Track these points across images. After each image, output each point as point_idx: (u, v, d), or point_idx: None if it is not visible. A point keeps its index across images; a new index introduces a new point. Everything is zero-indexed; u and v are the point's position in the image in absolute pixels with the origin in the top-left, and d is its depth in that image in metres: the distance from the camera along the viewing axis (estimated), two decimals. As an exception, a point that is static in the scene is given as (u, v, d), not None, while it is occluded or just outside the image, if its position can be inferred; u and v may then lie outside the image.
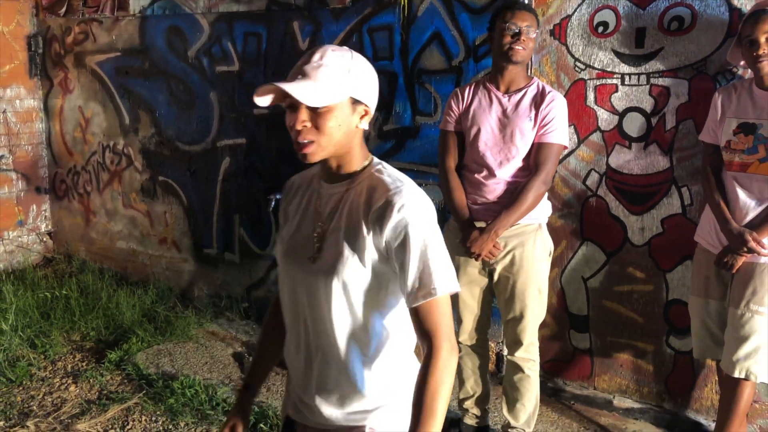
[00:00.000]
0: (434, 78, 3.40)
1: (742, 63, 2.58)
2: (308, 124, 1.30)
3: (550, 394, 3.29)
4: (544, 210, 2.70)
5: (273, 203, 3.89)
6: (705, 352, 2.70)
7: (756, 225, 2.40)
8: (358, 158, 1.40)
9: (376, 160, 1.43)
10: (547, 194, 2.68)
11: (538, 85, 2.63)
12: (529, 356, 2.72)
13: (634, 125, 2.95)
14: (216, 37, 4.17)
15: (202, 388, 3.30)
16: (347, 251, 1.35)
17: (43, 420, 3.11)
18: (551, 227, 3.02)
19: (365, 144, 1.43)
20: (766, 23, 2.33)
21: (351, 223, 1.36)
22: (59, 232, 5.44)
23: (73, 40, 4.92)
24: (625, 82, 2.94)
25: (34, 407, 3.24)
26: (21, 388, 3.42)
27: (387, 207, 1.30)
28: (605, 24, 2.95)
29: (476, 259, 2.63)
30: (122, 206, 4.94)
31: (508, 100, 2.62)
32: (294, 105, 1.30)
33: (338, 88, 1.30)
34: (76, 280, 4.59)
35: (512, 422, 2.78)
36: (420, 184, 3.51)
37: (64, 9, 4.89)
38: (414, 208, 1.31)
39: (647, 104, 2.91)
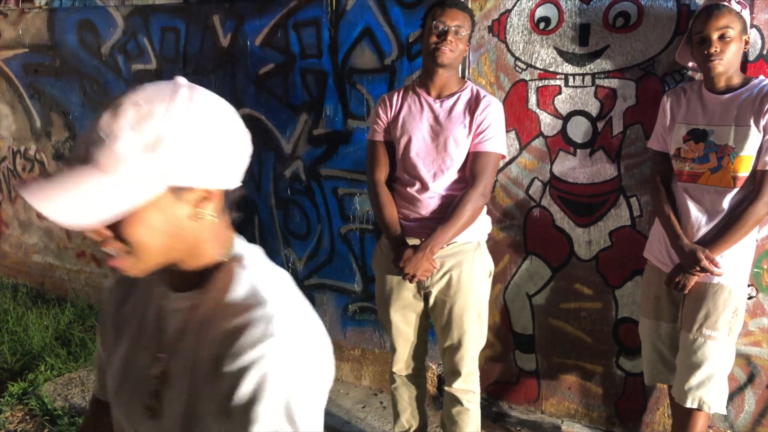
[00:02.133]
0: (366, 78, 3.11)
1: (691, 64, 2.37)
2: (108, 234, 0.84)
3: (495, 419, 3.05)
4: (483, 226, 2.44)
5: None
6: (656, 377, 2.48)
7: (708, 241, 2.19)
8: (210, 255, 0.94)
9: (241, 251, 0.97)
10: (486, 208, 2.43)
11: (472, 90, 2.36)
12: (468, 387, 2.47)
13: (579, 130, 2.72)
14: (131, 32, 3.80)
15: (111, 425, 2.95)
16: (197, 406, 0.90)
17: None
18: (493, 239, 2.79)
19: (229, 228, 0.98)
20: (720, 18, 2.11)
21: (200, 360, 0.90)
22: (-31, 245, 4.98)
23: (-23, 35, 4.47)
24: (569, 84, 2.71)
25: None
26: None
27: (235, 335, 0.85)
28: (547, 20, 2.70)
29: (410, 281, 2.35)
30: (36, 217, 4.52)
31: (440, 105, 2.34)
32: None
33: (141, 181, 0.81)
34: (-19, 300, 4.17)
35: None
36: (354, 194, 3.25)
37: (-36, 0, 4.43)
38: (277, 347, 0.84)
39: (593, 107, 2.68)
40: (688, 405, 2.24)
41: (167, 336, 0.95)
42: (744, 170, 2.15)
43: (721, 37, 2.10)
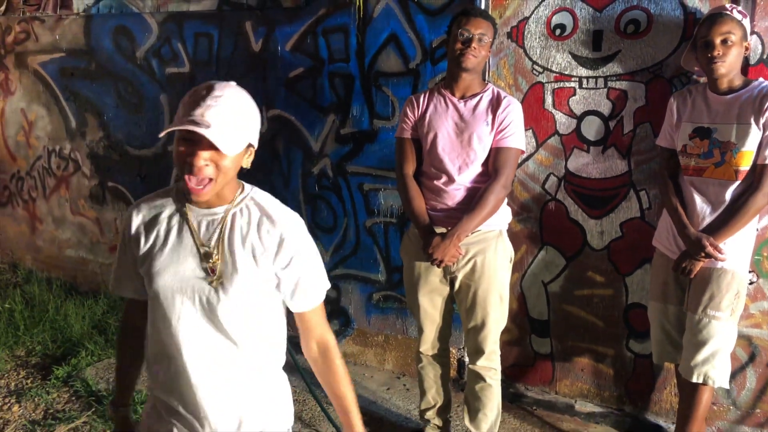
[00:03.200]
0: (391, 81, 3.33)
1: (696, 69, 2.58)
2: (209, 163, 1.33)
3: (512, 400, 3.26)
4: (504, 216, 2.66)
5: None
6: (664, 356, 2.69)
7: (712, 230, 2.40)
8: (232, 188, 1.47)
9: (248, 186, 1.52)
10: (506, 200, 2.64)
11: (493, 91, 2.58)
12: (490, 365, 2.68)
13: (592, 129, 2.93)
14: (165, 37, 4.02)
15: (154, 404, 3.16)
16: (248, 274, 1.42)
17: (-18, 444, 2.94)
18: (511, 232, 2.99)
19: None
20: (722, 25, 2.32)
21: (246, 246, 1.43)
22: (3, 241, 5.20)
23: (14, 40, 4.70)
24: (583, 86, 2.92)
25: (-26, 431, 3.07)
26: (-40, 410, 3.23)
27: (265, 218, 1.45)
28: (562, 26, 2.92)
29: (438, 266, 2.57)
30: (70, 213, 4.75)
31: (464, 105, 2.56)
32: (194, 139, 1.30)
33: (245, 135, 1.37)
34: (21, 291, 4.39)
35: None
36: (378, 189, 3.47)
37: (3, 7, 4.65)
38: (293, 223, 1.48)
39: (605, 108, 2.89)
40: (694, 380, 2.44)
41: (211, 239, 1.44)
42: (745, 164, 2.35)
43: (724, 42, 2.31)
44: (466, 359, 3.34)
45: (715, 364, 2.42)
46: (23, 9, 4.58)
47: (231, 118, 1.32)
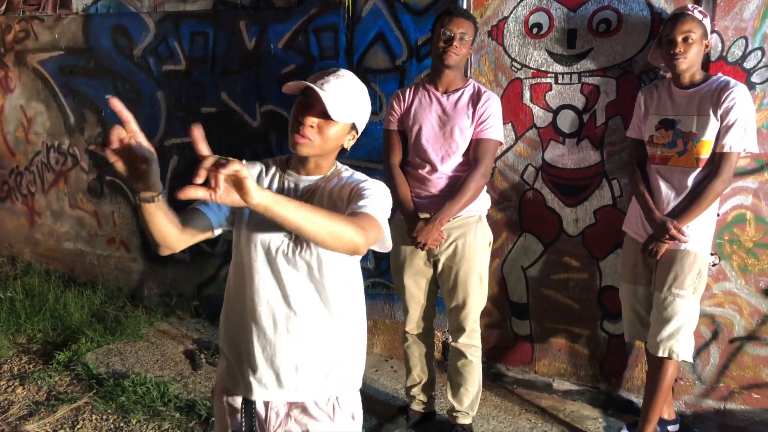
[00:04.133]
0: (379, 77, 3.50)
1: (662, 64, 2.77)
2: (314, 126, 1.52)
3: (493, 380, 3.44)
4: (483, 202, 2.84)
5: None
6: (635, 334, 2.87)
7: (677, 214, 2.58)
8: (329, 163, 1.64)
9: (341, 165, 1.67)
10: (486, 187, 2.82)
11: (474, 86, 2.76)
12: (471, 342, 2.86)
13: (567, 122, 3.12)
14: (162, 36, 4.18)
15: (153, 385, 3.32)
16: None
17: (-10, 422, 3.09)
18: (492, 220, 3.17)
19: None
20: (684, 24, 2.51)
21: (331, 202, 1.58)
22: (1, 235, 5.33)
23: (14, 38, 4.84)
24: (559, 81, 3.10)
25: (-19, 410, 3.21)
26: (-34, 392, 3.38)
27: (350, 184, 1.58)
28: (539, 25, 3.10)
29: (422, 249, 2.74)
30: (69, 207, 4.89)
31: (447, 99, 2.74)
32: (309, 104, 1.51)
33: (352, 112, 1.55)
34: (21, 283, 4.52)
35: (457, 406, 2.90)
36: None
37: (3, 7, 4.79)
38: (377, 186, 1.57)
39: (579, 102, 3.08)
40: (660, 354, 2.63)
41: (298, 196, 1.60)
42: (705, 153, 2.54)
43: (685, 40, 2.51)
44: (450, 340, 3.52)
45: (679, 339, 2.60)
46: (23, 8, 4.72)
47: (344, 93, 1.52)
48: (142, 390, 3.29)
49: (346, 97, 1.52)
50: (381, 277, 3.70)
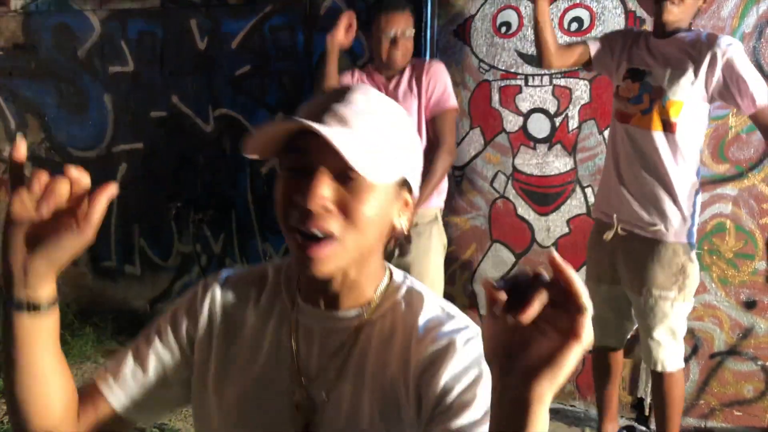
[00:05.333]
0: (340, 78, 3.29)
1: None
2: (332, 206, 0.80)
3: (465, 399, 3.26)
4: (442, 194, 2.67)
5: (174, 211, 3.73)
6: (599, 339, 2.48)
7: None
8: (377, 273, 0.91)
9: (399, 274, 0.93)
10: (446, 178, 2.64)
11: (411, 64, 2.61)
12: None
13: (538, 126, 2.95)
14: (108, 35, 3.91)
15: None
16: (375, 418, 0.84)
17: None
18: (460, 229, 3.00)
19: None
20: None
21: (378, 384, 0.85)
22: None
23: (-51, 38, 4.51)
24: (529, 83, 2.93)
25: None
26: None
27: (447, 348, 0.82)
28: (508, 24, 2.93)
29: None
30: (11, 217, 4.57)
31: (391, 85, 2.60)
32: (306, 168, 0.80)
33: (397, 159, 0.84)
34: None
35: None
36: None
37: (-64, 4, 4.46)
38: (478, 347, 0.82)
39: (551, 105, 2.91)
40: (651, 368, 2.36)
41: (315, 358, 0.89)
42: (674, 115, 2.17)
43: None
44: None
45: (665, 348, 2.30)
46: (-43, 6, 4.40)
47: (374, 128, 0.82)
48: None
49: (379, 133, 0.82)
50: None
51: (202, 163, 3.70)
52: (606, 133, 2.74)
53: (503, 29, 2.94)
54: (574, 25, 2.80)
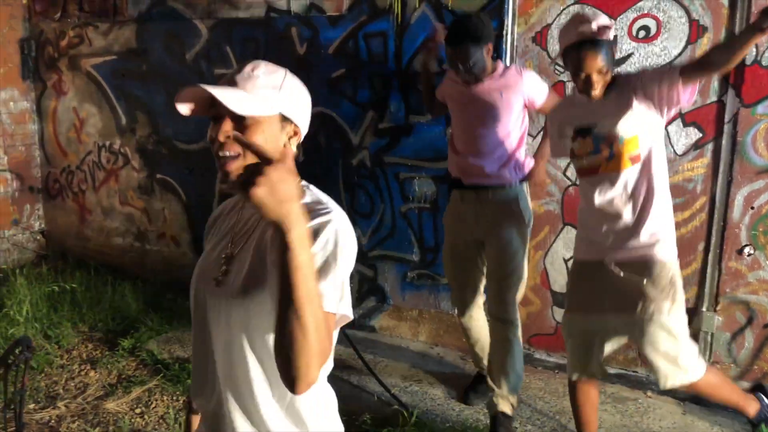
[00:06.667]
0: (426, 80, 3.72)
1: None
2: (230, 137, 1.21)
3: (536, 365, 3.65)
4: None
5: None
6: (582, 370, 2.60)
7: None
8: None
9: (302, 182, 1.30)
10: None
11: (498, 68, 3.00)
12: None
13: (608, 122, 3.32)
14: (214, 41, 4.41)
15: (217, 369, 3.54)
16: (252, 275, 1.25)
17: (71, 401, 3.32)
18: (535, 214, 3.38)
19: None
20: (595, 59, 2.28)
21: (262, 245, 1.26)
22: (53, 231, 5.57)
23: (68, 44, 5.08)
24: (600, 84, 3.31)
25: (60, 391, 3.45)
26: (43, 375, 3.61)
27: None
28: (581, 32, 3.31)
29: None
30: (119, 204, 5.13)
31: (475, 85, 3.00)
32: (219, 116, 1.22)
33: (268, 101, 1.23)
34: (79, 275, 4.77)
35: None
36: (413, 177, 3.85)
37: (59, 14, 5.04)
38: (339, 231, 1.18)
39: (619, 103, 3.29)
40: (679, 387, 2.44)
41: (239, 232, 1.35)
42: (634, 149, 2.32)
43: (600, 71, 2.30)
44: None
45: (681, 366, 2.36)
46: (78, 15, 4.97)
47: (249, 83, 1.24)
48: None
49: (255, 85, 1.23)
50: (426, 268, 3.92)
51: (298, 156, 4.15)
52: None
53: (577, 36, 3.32)
54: (642, 33, 3.17)
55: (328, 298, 1.12)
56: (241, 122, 1.21)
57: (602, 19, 2.32)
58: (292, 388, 1.08)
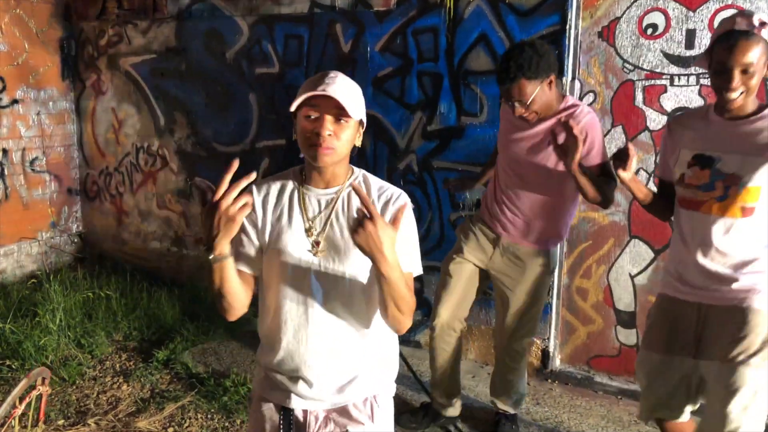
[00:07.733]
0: (480, 79, 3.46)
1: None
2: (331, 133, 1.50)
3: (597, 389, 3.35)
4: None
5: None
6: (659, 412, 2.33)
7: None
8: (345, 169, 1.62)
9: (357, 169, 1.66)
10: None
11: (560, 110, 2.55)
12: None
13: (683, 125, 3.01)
14: (255, 39, 4.22)
15: (254, 386, 3.35)
16: (339, 248, 1.58)
17: (102, 417, 3.15)
18: (599, 225, 3.09)
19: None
20: (746, 53, 1.93)
21: (347, 222, 1.58)
22: (90, 233, 5.47)
23: (107, 43, 4.96)
24: (675, 83, 3.00)
25: (91, 405, 3.29)
26: (74, 387, 3.46)
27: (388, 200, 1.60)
28: (654, 26, 3.01)
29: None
30: (156, 207, 4.99)
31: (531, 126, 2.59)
32: (318, 114, 1.49)
33: (360, 109, 1.54)
34: (115, 280, 4.63)
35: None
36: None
37: (98, 12, 4.93)
38: (409, 205, 1.60)
39: (697, 104, 2.97)
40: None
41: (320, 210, 1.61)
42: (752, 200, 2.03)
43: (744, 71, 1.94)
44: (551, 349, 3.46)
45: (749, 414, 2.08)
46: (117, 13, 4.84)
47: (348, 91, 1.50)
48: (243, 390, 3.32)
49: (351, 94, 1.50)
50: (477, 281, 3.65)
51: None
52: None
53: (649, 31, 3.02)
54: (725, 26, 2.85)
55: (409, 262, 1.57)
56: (338, 122, 1.50)
57: (764, 17, 1.97)
58: (399, 331, 1.60)
